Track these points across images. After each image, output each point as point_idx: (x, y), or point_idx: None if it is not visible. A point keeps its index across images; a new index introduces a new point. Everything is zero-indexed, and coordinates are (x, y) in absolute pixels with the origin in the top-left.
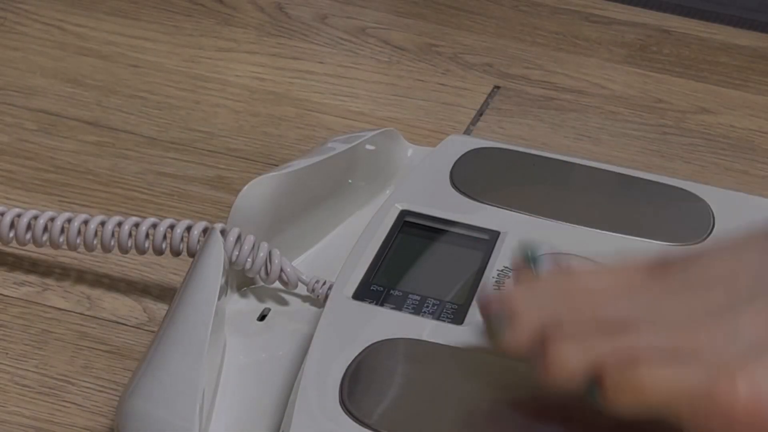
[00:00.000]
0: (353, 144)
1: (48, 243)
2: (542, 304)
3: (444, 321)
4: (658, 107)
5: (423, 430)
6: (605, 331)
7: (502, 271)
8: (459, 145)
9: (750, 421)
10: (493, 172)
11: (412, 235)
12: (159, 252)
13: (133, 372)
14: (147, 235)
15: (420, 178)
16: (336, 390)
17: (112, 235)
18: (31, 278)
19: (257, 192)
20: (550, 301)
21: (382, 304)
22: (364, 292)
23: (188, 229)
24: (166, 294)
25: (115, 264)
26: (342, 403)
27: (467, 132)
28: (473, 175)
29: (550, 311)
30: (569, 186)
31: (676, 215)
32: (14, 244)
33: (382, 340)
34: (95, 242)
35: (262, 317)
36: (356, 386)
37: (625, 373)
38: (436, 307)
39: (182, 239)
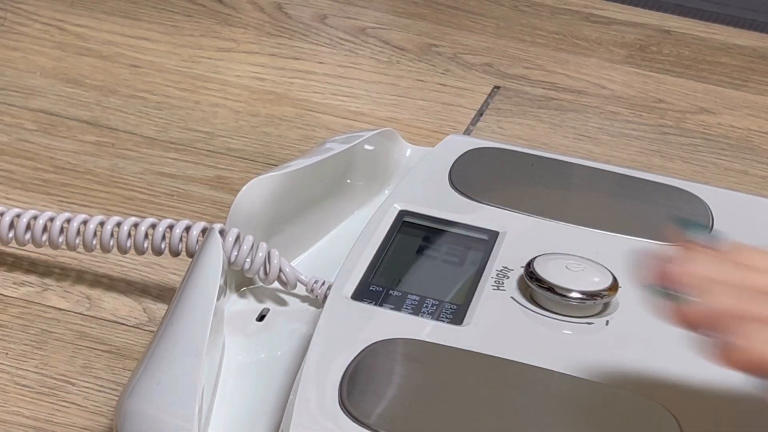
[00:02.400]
0: (352, 144)
1: (47, 243)
2: (726, 278)
3: (443, 321)
4: (658, 107)
5: (422, 430)
6: None
7: (501, 271)
8: (458, 145)
9: None
10: (492, 172)
11: (411, 235)
12: (158, 252)
13: (132, 372)
14: (146, 236)
15: (419, 178)
16: (335, 390)
17: (111, 235)
18: (31, 278)
19: (256, 192)
20: (735, 277)
21: (381, 305)
22: (363, 293)
23: (187, 229)
24: (166, 294)
25: (114, 264)
26: (341, 403)
27: (467, 132)
28: (472, 175)
29: (736, 289)
30: (569, 186)
31: (674, 215)
32: (14, 244)
33: (381, 341)
34: (94, 242)
35: (261, 317)
36: (355, 386)
37: None
38: (435, 308)
39: (181, 239)
